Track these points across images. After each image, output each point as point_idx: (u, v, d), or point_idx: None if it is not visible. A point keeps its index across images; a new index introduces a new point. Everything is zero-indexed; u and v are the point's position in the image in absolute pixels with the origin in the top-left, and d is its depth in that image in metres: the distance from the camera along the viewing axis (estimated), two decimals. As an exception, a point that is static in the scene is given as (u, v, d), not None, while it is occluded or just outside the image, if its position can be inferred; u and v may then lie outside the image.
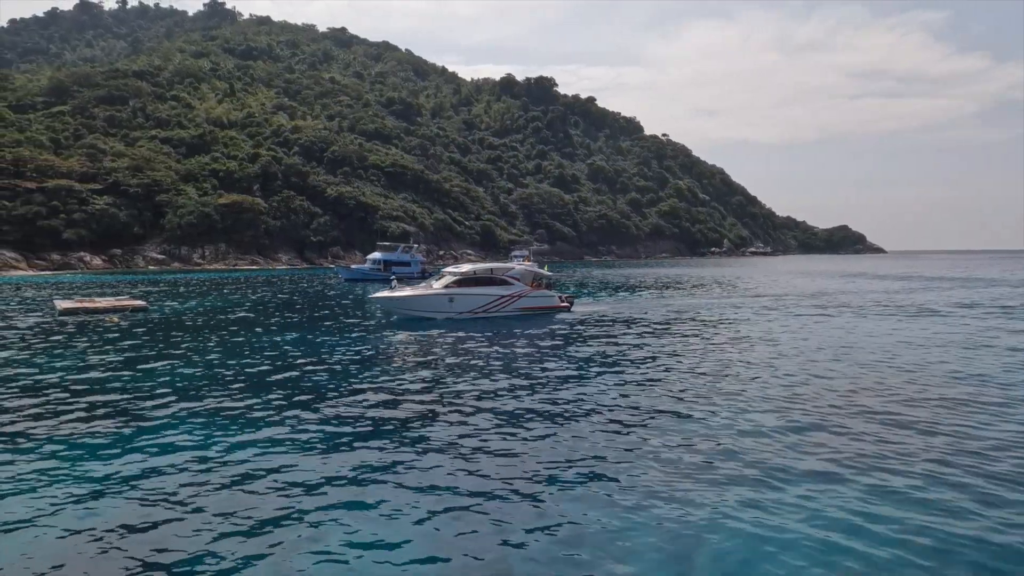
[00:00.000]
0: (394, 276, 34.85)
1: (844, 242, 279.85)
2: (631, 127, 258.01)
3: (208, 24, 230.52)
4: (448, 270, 30.41)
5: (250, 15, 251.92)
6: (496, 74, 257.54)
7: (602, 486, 8.48)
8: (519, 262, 38.75)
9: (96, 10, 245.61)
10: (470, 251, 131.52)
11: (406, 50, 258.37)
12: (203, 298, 40.86)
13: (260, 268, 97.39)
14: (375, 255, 69.16)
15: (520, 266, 32.21)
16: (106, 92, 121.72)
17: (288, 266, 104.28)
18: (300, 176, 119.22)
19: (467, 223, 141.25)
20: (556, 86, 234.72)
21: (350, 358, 18.36)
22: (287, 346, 20.50)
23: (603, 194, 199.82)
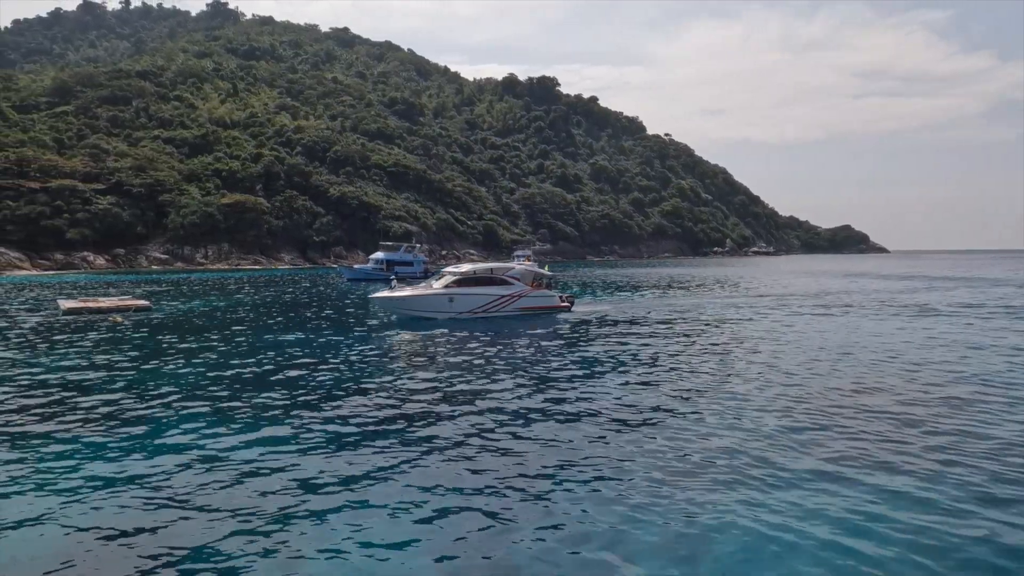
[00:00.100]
0: (394, 276, 34.83)
1: (847, 242, 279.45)
2: (633, 127, 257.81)
3: (211, 24, 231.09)
4: (448, 270, 30.38)
5: (253, 15, 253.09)
6: (498, 74, 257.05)
7: (607, 485, 8.50)
8: (520, 262, 38.73)
9: (99, 10, 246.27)
10: (472, 251, 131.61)
11: (408, 50, 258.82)
12: (206, 298, 40.96)
13: (263, 268, 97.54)
14: (378, 255, 69.22)
15: (520, 266, 32.15)
16: (109, 92, 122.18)
17: (291, 266, 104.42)
18: (303, 176, 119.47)
19: (469, 223, 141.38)
20: (558, 86, 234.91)
21: (354, 358, 18.39)
22: (290, 346, 20.55)
23: (605, 194, 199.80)
